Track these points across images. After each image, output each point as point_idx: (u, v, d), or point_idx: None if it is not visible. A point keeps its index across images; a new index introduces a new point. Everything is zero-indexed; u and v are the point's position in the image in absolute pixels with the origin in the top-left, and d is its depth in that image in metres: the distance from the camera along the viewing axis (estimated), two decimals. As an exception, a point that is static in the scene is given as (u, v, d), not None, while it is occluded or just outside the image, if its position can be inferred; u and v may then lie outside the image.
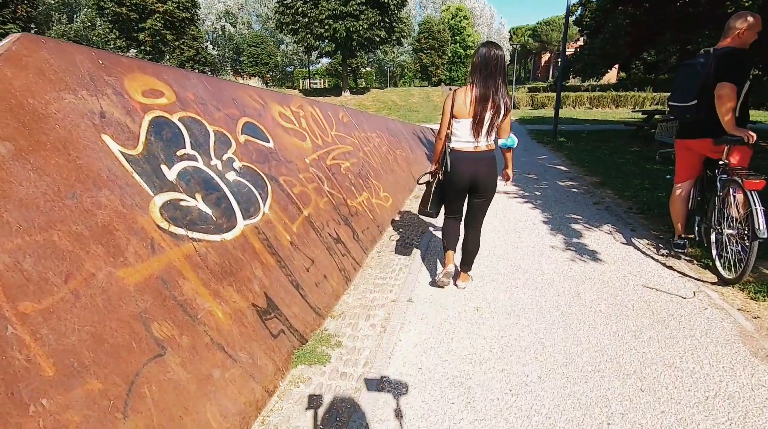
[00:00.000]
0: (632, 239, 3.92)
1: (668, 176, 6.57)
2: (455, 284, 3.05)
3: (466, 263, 3.03)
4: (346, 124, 4.86)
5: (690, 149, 3.45)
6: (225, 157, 2.52)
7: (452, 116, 2.61)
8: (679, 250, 3.54)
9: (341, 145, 4.34)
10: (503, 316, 2.59)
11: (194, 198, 2.13)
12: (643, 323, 2.50)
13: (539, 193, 5.74)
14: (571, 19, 11.25)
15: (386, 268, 3.35)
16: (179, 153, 2.20)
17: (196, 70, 43.35)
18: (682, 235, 3.51)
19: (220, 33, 57.09)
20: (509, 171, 3.00)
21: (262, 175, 2.76)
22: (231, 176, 2.47)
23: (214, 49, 56.03)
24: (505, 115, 2.57)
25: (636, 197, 5.38)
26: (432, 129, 11.55)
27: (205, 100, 2.67)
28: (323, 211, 3.26)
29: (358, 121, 5.32)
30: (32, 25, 44.20)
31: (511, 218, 4.63)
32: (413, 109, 24.02)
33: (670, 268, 3.30)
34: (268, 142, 3.07)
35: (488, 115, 2.52)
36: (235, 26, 57.10)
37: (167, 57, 44.35)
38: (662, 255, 3.56)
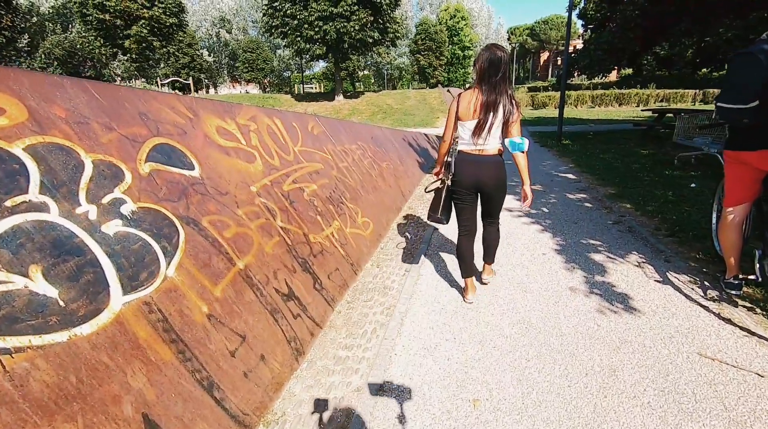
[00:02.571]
0: (669, 275, 3.14)
1: (692, 184, 5.81)
2: (480, 280, 3.08)
3: (489, 255, 3.00)
4: (317, 137, 4.09)
5: (746, 164, 2.67)
6: (107, 200, 1.75)
7: (458, 119, 2.58)
8: (733, 293, 2.75)
9: (308, 163, 3.58)
10: (513, 418, 1.80)
11: (26, 274, 1.37)
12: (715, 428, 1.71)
13: (547, 210, 4.95)
14: (574, 12, 10.46)
15: (356, 328, 2.57)
16: (12, 202, 1.44)
17: (191, 78, 42.87)
18: (739, 275, 2.72)
19: (216, 39, 56.59)
20: (527, 188, 2.65)
21: (173, 218, 1.99)
22: (112, 228, 1.70)
23: (209, 55, 55.55)
24: (514, 117, 2.49)
25: (661, 213, 4.59)
26: (426, 134, 10.78)
27: (88, 116, 1.91)
28: (271, 256, 2.48)
29: (333, 132, 4.55)
30: (25, 36, 43.86)
31: (516, 246, 3.84)
32: (409, 112, 23.19)
33: (728, 321, 2.51)
34: (192, 169, 2.31)
35: (497, 120, 2.47)
36: (230, 32, 56.55)
37: (162, 65, 43.80)
38: (712, 299, 2.77)
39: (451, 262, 3.56)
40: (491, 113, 2.44)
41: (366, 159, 4.99)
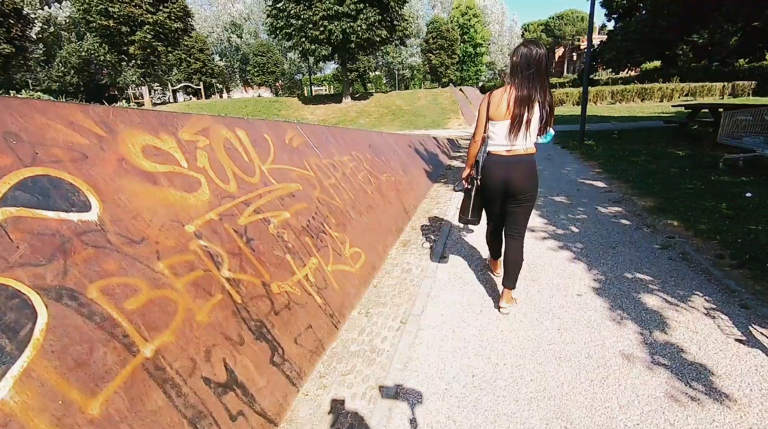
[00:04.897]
0: (753, 330, 2.34)
1: (748, 194, 4.93)
2: (498, 307, 2.73)
3: (509, 278, 2.68)
4: (297, 150, 3.39)
5: None
6: None
7: (488, 119, 2.47)
8: None
9: (280, 184, 2.88)
10: None
11: None
12: None
13: (577, 230, 4.16)
14: (597, 0, 9.51)
15: (324, 426, 1.85)
16: None
17: (202, 83, 42.89)
18: None
19: (227, 44, 56.71)
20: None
21: (28, 294, 1.32)
22: None
23: (221, 60, 55.76)
24: (549, 116, 2.40)
25: (719, 234, 3.75)
26: (436, 138, 10.00)
27: None
28: (205, 327, 1.79)
29: (320, 142, 3.85)
30: (40, 45, 44.54)
31: (543, 282, 3.08)
32: (419, 113, 22.30)
33: None
34: (86, 209, 1.63)
35: (531, 117, 2.35)
36: (241, 37, 56.57)
37: (174, 71, 43.89)
38: (829, 375, 1.96)
39: (461, 308, 2.81)
40: (526, 109, 2.32)
41: (360, 172, 4.27)
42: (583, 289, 2.94)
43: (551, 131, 2.57)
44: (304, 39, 21.07)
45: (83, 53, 44.20)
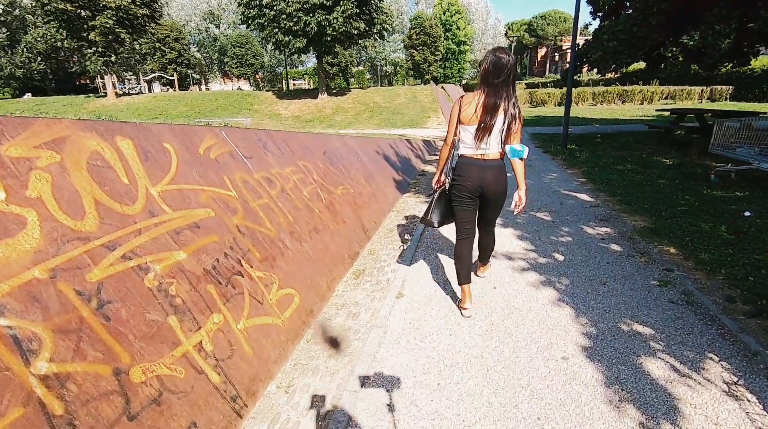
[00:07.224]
0: (791, 420, 1.76)
1: (747, 213, 4.45)
2: (476, 274, 3.14)
3: (484, 258, 3.09)
4: (215, 163, 2.67)
5: None
6: None
7: (459, 123, 2.50)
8: None
9: (178, 211, 2.16)
10: None
11: None
12: None
13: (562, 258, 3.56)
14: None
15: None
16: None
17: (178, 73, 41.21)
18: None
19: (205, 34, 54.72)
20: (522, 193, 2.49)
21: None
22: None
23: (198, 51, 53.84)
24: (514, 125, 2.41)
25: (724, 265, 3.22)
26: (409, 140, 9.34)
27: None
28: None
29: (252, 151, 3.13)
30: (3, 30, 42.06)
31: (519, 337, 2.45)
32: (398, 111, 21.52)
33: None
34: None
35: (497, 124, 2.40)
36: (219, 27, 54.65)
37: (148, 61, 41.97)
38: None
39: (414, 379, 2.17)
40: (493, 116, 2.38)
41: (308, 186, 3.57)
42: (569, 348, 2.33)
43: (524, 147, 2.47)
44: (277, 30, 20.03)
45: (50, 38, 41.86)
